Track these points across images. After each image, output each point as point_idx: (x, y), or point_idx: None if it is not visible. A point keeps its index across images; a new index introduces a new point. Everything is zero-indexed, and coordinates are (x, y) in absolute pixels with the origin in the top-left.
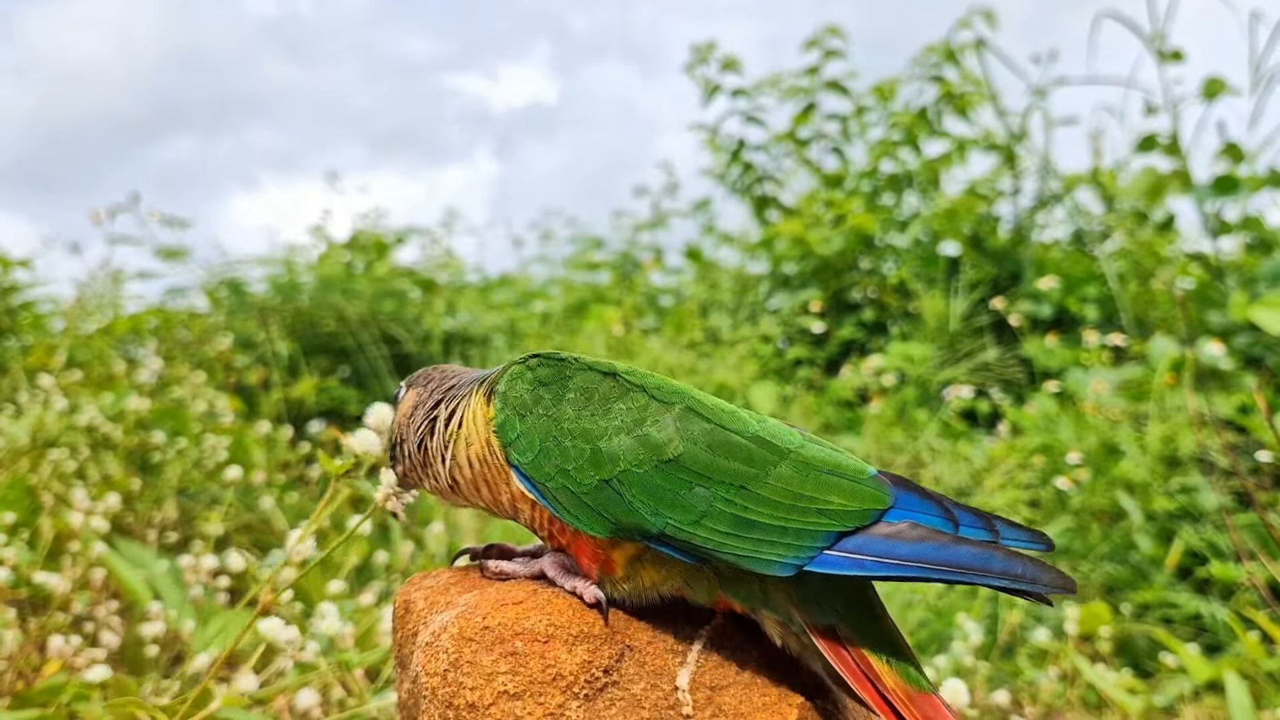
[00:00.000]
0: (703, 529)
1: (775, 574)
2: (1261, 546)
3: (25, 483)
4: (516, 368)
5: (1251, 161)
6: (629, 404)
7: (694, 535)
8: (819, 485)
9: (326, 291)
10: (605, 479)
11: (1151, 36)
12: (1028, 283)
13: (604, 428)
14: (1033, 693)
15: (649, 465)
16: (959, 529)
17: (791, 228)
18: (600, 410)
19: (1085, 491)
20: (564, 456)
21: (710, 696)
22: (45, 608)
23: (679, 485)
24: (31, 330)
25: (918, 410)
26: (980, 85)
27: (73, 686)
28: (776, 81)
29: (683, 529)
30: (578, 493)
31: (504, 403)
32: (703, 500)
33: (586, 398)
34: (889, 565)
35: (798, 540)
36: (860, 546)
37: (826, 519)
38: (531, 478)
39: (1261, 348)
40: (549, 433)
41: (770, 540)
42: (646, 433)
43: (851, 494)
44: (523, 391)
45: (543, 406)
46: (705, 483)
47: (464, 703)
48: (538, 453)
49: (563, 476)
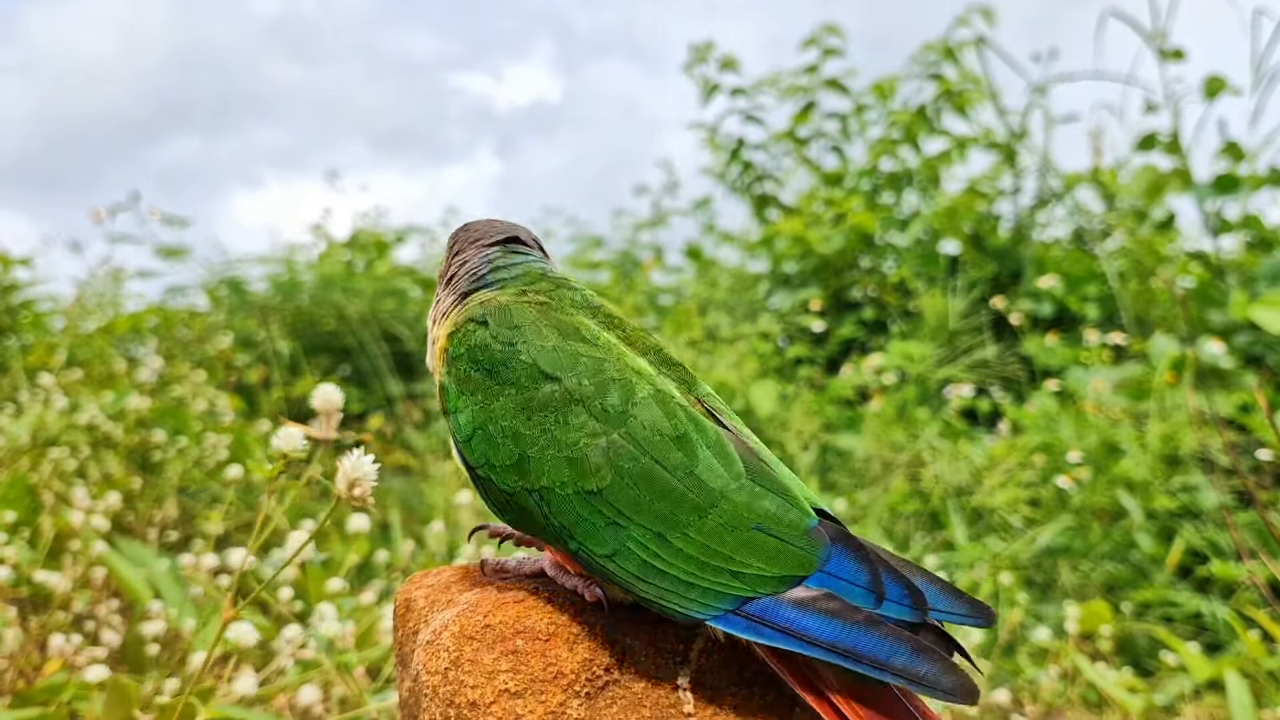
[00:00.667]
0: (613, 564)
1: (676, 619)
2: (1262, 545)
3: (26, 481)
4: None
5: (1252, 160)
6: (567, 419)
7: (605, 567)
8: (740, 544)
9: (327, 290)
10: (527, 488)
11: (1152, 34)
12: (1028, 281)
13: (534, 438)
14: (1033, 691)
15: (571, 489)
16: (882, 603)
17: (791, 226)
18: (537, 417)
19: (1086, 490)
20: (493, 451)
21: (711, 695)
22: (46, 606)
23: (597, 518)
24: (32, 329)
25: (918, 409)
26: (979, 83)
27: (73, 685)
28: (776, 80)
29: (595, 558)
30: (502, 489)
31: (448, 369)
32: (615, 540)
33: (525, 399)
34: (788, 638)
35: (702, 598)
36: (764, 611)
37: (738, 583)
38: (464, 456)
39: (1262, 346)
40: (483, 421)
41: (675, 591)
42: (576, 456)
43: (773, 557)
44: (465, 366)
45: (481, 391)
46: (624, 521)
47: (465, 701)
48: (469, 436)
49: (489, 470)
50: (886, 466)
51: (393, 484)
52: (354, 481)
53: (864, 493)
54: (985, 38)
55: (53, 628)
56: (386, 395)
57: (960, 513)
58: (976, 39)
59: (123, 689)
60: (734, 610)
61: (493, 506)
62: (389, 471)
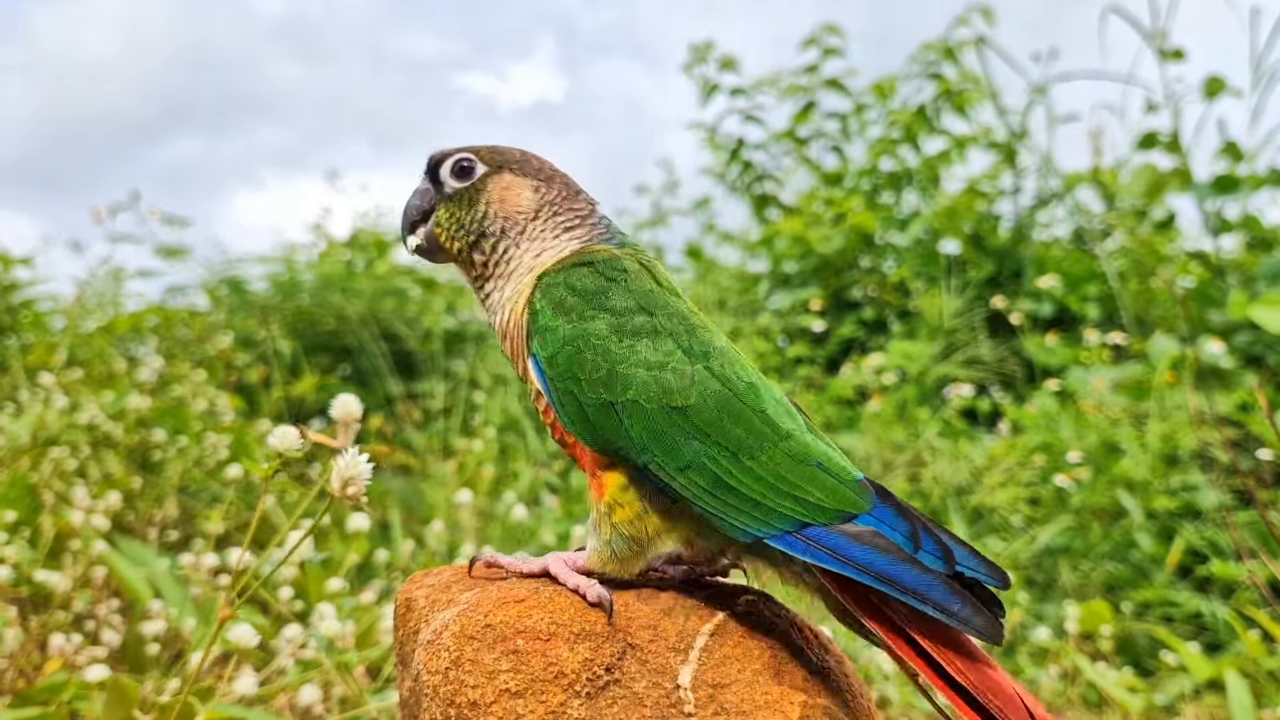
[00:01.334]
0: (684, 477)
1: (734, 536)
2: (1262, 545)
3: (26, 481)
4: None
5: (1251, 160)
6: (657, 346)
7: (674, 479)
8: (804, 476)
9: (327, 290)
10: (611, 401)
11: (1152, 34)
12: (1028, 281)
13: (625, 356)
14: (1034, 691)
15: (656, 404)
16: (918, 552)
17: (791, 226)
18: (629, 340)
19: (1086, 490)
20: (580, 366)
21: (712, 694)
22: (46, 606)
23: (677, 432)
24: (32, 328)
25: (918, 409)
26: (979, 83)
27: (74, 685)
28: (776, 80)
29: (665, 470)
30: (582, 402)
31: (543, 293)
32: (693, 453)
33: (620, 323)
34: (837, 562)
35: (766, 517)
36: (820, 537)
37: (799, 508)
38: (545, 373)
39: (1262, 346)
40: (573, 338)
41: (741, 509)
42: (664, 376)
43: (831, 492)
44: (563, 292)
45: (576, 313)
46: (702, 438)
47: (466, 700)
48: (556, 351)
49: (573, 383)
50: (886, 466)
51: (393, 484)
52: (348, 481)
53: None
54: (985, 37)
55: (53, 627)
56: (386, 395)
57: (960, 512)
58: (977, 39)
59: (123, 688)
60: (793, 532)
61: (568, 418)
62: (389, 471)
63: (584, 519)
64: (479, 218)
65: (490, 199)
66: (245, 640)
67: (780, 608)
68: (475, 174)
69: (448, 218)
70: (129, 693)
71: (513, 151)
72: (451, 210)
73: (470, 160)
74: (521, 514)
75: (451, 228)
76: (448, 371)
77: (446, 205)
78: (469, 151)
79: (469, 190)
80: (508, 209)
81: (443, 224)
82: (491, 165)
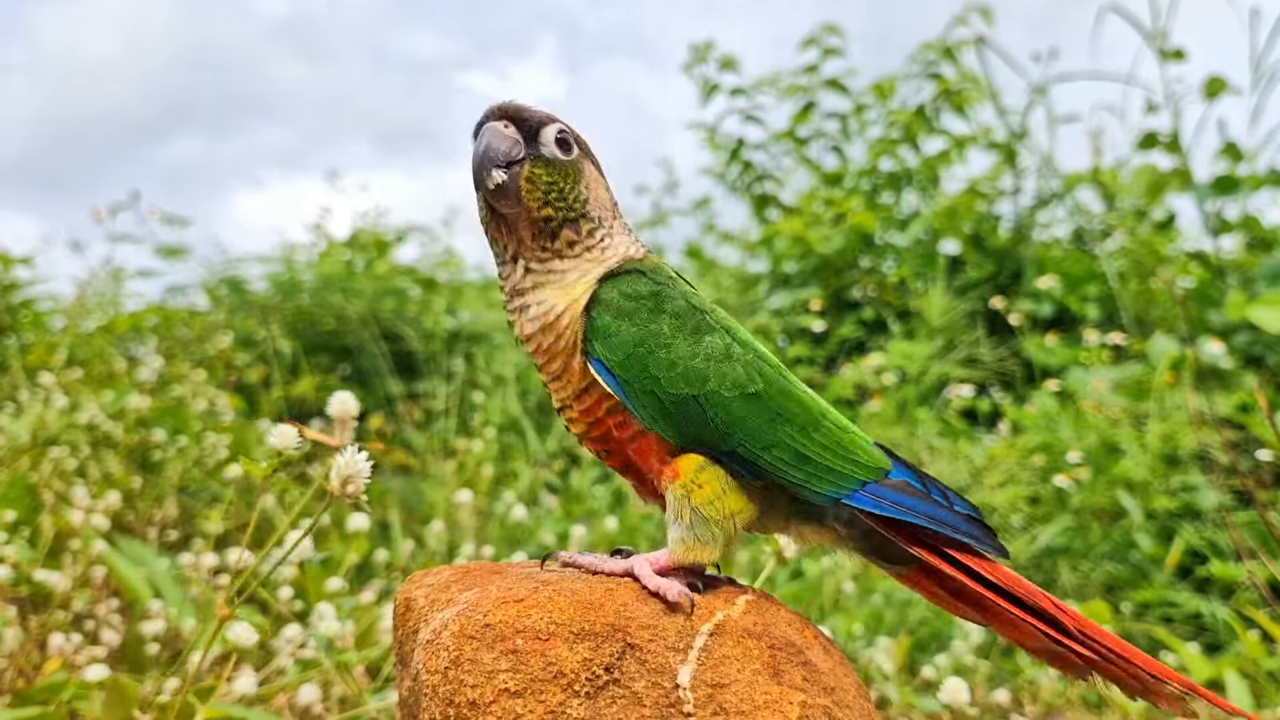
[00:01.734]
0: (770, 455)
1: (820, 501)
2: (1262, 545)
3: (26, 481)
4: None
5: (1251, 160)
6: (716, 340)
7: (760, 458)
8: (850, 442)
9: (327, 290)
10: (694, 394)
11: (1153, 34)
12: (1028, 281)
13: (695, 352)
14: (1033, 691)
15: (733, 393)
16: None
17: (791, 226)
18: (693, 337)
19: (1085, 490)
20: (655, 365)
21: (711, 694)
22: (46, 606)
23: (758, 416)
24: (32, 328)
25: (918, 409)
26: (978, 82)
27: (73, 684)
28: (775, 80)
29: (753, 451)
30: (663, 400)
31: (603, 300)
32: (773, 432)
33: (680, 322)
34: (897, 510)
35: (839, 480)
36: (878, 492)
37: (859, 470)
38: (617, 375)
39: (1262, 346)
40: (642, 340)
41: (819, 475)
42: (734, 368)
43: (869, 454)
44: (622, 299)
45: (640, 316)
46: (777, 419)
47: (465, 700)
48: (628, 355)
49: (651, 382)
50: None
51: (392, 484)
52: (347, 479)
53: None
54: (984, 37)
55: (52, 627)
56: (387, 395)
57: None
58: (976, 39)
59: (122, 688)
60: (859, 490)
61: (649, 415)
62: (389, 471)
63: (582, 519)
64: (582, 199)
65: (587, 184)
66: (243, 638)
67: (780, 607)
68: (573, 152)
69: (548, 180)
70: (128, 692)
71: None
72: (553, 176)
73: (567, 136)
74: (521, 514)
75: (550, 193)
76: (449, 372)
77: (546, 167)
78: (565, 126)
79: (571, 165)
80: (599, 200)
81: (539, 183)
82: (581, 150)
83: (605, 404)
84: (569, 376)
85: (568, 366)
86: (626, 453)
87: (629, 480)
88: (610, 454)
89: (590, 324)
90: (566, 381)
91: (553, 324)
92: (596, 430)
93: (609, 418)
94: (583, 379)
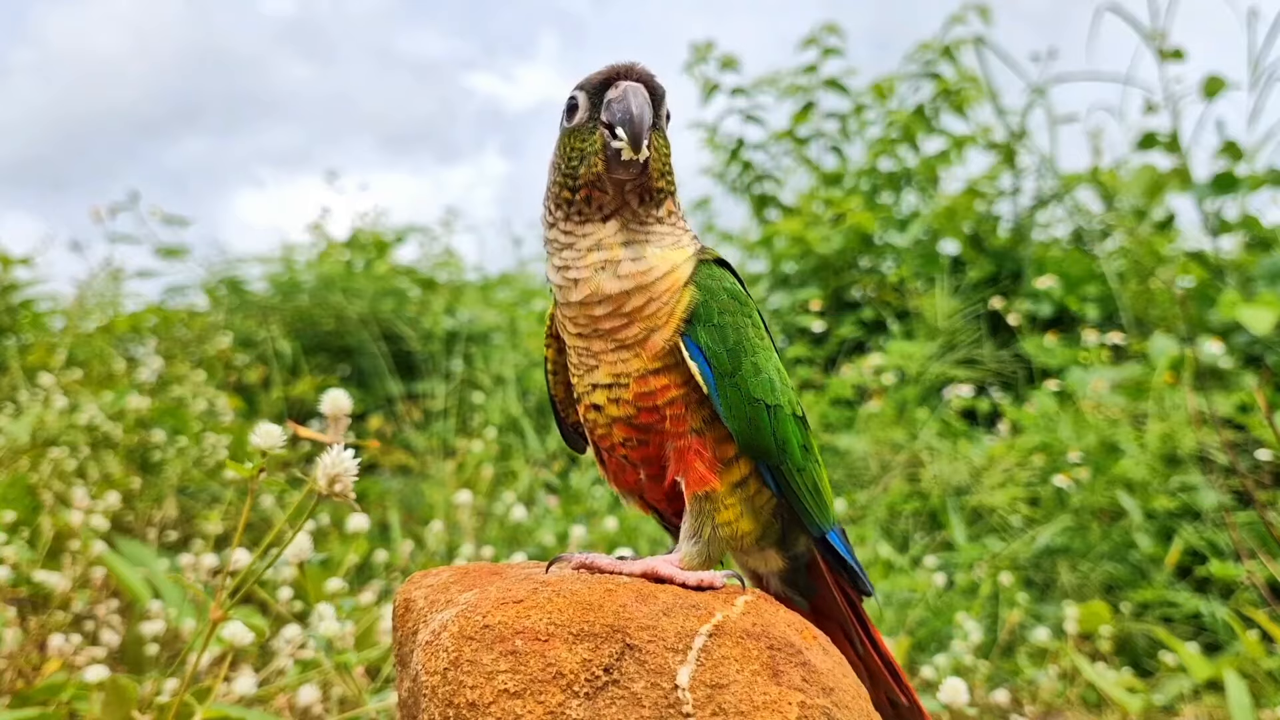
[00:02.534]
0: (800, 477)
1: (813, 532)
2: (1261, 545)
3: (25, 481)
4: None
5: (1251, 160)
6: (776, 360)
7: (795, 479)
8: (827, 486)
9: (326, 290)
10: (768, 404)
11: (1151, 34)
12: (1028, 281)
13: (768, 364)
14: (1032, 691)
15: (790, 411)
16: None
17: (791, 226)
18: (766, 351)
19: (1085, 490)
20: (749, 368)
21: (710, 695)
22: (45, 606)
23: (798, 437)
24: (31, 329)
25: (917, 409)
26: (976, 82)
27: (72, 685)
28: (775, 80)
29: (791, 472)
30: (746, 402)
31: (709, 292)
32: (806, 459)
33: (759, 333)
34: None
35: (827, 518)
36: (836, 537)
37: (832, 509)
38: (713, 367)
39: (1261, 346)
40: (739, 341)
41: (821, 509)
42: (790, 387)
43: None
44: (726, 296)
45: (739, 318)
46: (809, 445)
47: (464, 701)
48: (728, 349)
49: (742, 382)
50: (885, 466)
51: (392, 484)
52: (334, 477)
53: (863, 492)
54: (983, 37)
55: (52, 627)
56: (386, 395)
57: (959, 513)
58: (976, 38)
59: (121, 689)
60: (834, 529)
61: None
62: (389, 471)
63: (582, 519)
64: (670, 175)
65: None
66: (240, 638)
67: (778, 608)
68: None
69: (666, 153)
70: (128, 693)
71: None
72: (667, 148)
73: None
74: (520, 514)
75: (666, 166)
76: (448, 372)
77: (664, 140)
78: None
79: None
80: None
81: (661, 154)
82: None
83: (673, 391)
84: (645, 350)
85: (648, 339)
86: (663, 447)
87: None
88: (643, 444)
89: (697, 305)
90: (636, 354)
91: (649, 285)
92: (645, 417)
93: (669, 406)
94: (659, 358)
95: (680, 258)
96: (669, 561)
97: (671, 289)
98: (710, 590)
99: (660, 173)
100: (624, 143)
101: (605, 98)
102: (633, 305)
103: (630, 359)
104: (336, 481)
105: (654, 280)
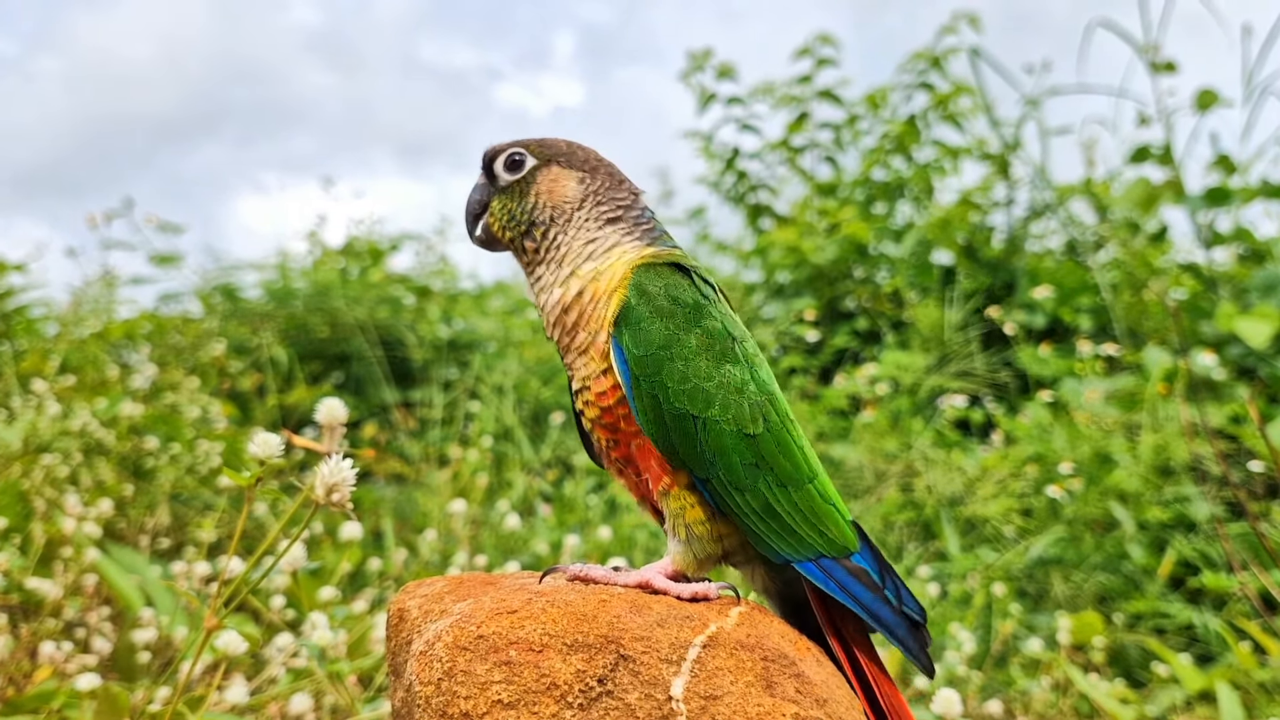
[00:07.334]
0: (740, 496)
1: (769, 557)
2: (1253, 556)
3: (18, 488)
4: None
5: (1244, 172)
6: (735, 371)
7: (730, 497)
8: (826, 513)
9: (321, 297)
10: (694, 414)
11: (1145, 48)
12: (1022, 292)
13: (711, 376)
14: (1025, 702)
15: (731, 428)
16: (885, 588)
17: (785, 236)
18: (716, 362)
19: (1078, 501)
20: (669, 374)
21: (704, 706)
22: (37, 613)
23: (742, 456)
24: (25, 335)
25: (912, 419)
26: (970, 92)
27: (64, 693)
28: (770, 89)
29: (726, 487)
30: (663, 408)
31: (642, 291)
32: (751, 477)
33: (710, 342)
34: (840, 591)
35: (797, 545)
36: (830, 568)
37: (821, 541)
38: (631, 369)
39: (1254, 358)
40: (667, 345)
41: (780, 533)
42: (741, 404)
43: (840, 530)
44: (664, 300)
45: (675, 322)
46: (762, 466)
47: (458, 712)
48: (648, 353)
49: (658, 387)
50: (879, 476)
51: (386, 492)
52: (332, 488)
53: (857, 502)
54: (978, 48)
55: (44, 635)
56: (381, 403)
57: (953, 523)
58: (971, 49)
59: (113, 697)
60: (813, 560)
61: (645, 418)
62: (383, 480)
63: (576, 529)
64: (529, 208)
65: (539, 190)
66: (233, 647)
67: (773, 619)
68: (525, 167)
69: (501, 209)
70: (120, 701)
71: (560, 144)
72: (504, 202)
73: (521, 154)
74: (515, 523)
75: (504, 218)
76: (444, 381)
77: (500, 198)
78: (520, 146)
79: (520, 183)
80: (555, 199)
81: (496, 215)
82: (540, 158)
83: (617, 392)
84: (595, 351)
85: (594, 341)
86: (629, 447)
87: (625, 480)
88: (616, 444)
89: (625, 307)
90: (592, 356)
91: (573, 303)
92: (607, 417)
93: (619, 407)
94: (604, 359)
95: (617, 262)
96: (662, 571)
97: (595, 297)
98: (705, 602)
99: (503, 229)
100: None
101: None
102: (570, 320)
103: (588, 362)
104: (334, 492)
105: (578, 291)
